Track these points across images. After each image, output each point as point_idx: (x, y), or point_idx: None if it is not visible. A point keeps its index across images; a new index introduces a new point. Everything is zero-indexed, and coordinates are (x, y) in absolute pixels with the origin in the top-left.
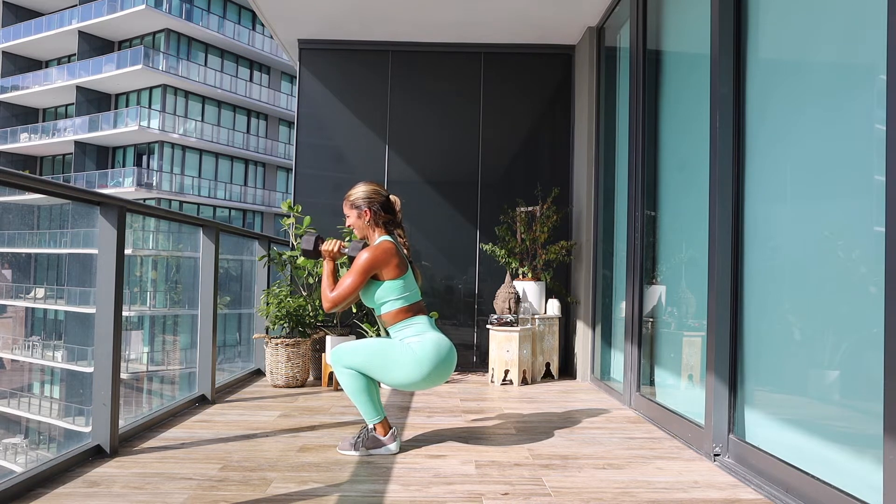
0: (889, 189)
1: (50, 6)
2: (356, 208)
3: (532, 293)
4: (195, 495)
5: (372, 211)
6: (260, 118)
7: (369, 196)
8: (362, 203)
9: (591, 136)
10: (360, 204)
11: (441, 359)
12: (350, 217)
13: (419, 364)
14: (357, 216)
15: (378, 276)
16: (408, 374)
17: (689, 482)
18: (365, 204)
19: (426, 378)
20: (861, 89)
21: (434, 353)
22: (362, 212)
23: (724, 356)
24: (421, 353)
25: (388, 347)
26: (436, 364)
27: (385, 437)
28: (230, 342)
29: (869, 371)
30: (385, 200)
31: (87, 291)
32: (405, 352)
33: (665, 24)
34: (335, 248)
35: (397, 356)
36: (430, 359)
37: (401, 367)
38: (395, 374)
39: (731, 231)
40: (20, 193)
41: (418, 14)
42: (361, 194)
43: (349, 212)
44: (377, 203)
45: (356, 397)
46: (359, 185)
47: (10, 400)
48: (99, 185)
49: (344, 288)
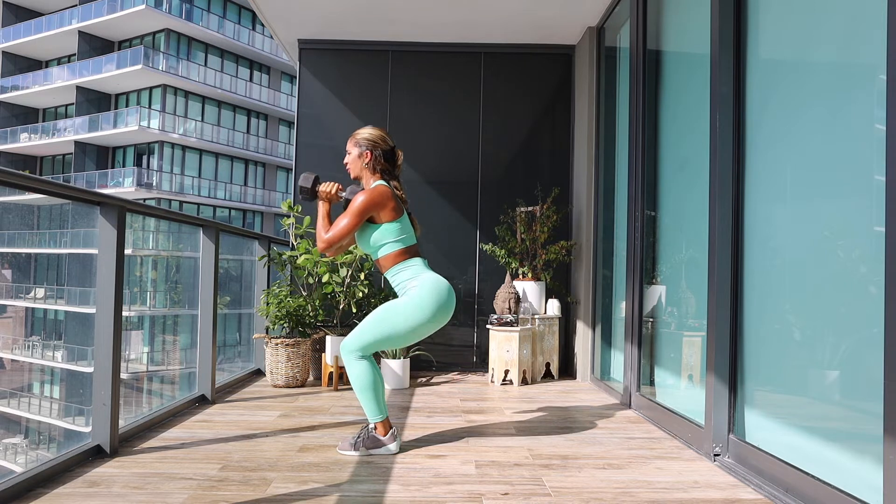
0: (889, 189)
1: (50, 6)
2: (358, 146)
3: (532, 293)
4: (195, 495)
5: (373, 155)
6: (260, 118)
7: (375, 140)
8: (365, 144)
9: (591, 136)
10: (363, 144)
11: (442, 296)
12: (350, 154)
13: (422, 308)
14: (357, 155)
15: (374, 218)
16: (415, 319)
17: (689, 482)
18: (368, 146)
19: (432, 319)
20: (861, 89)
21: (434, 292)
22: (363, 152)
23: (724, 356)
24: (420, 296)
25: (387, 308)
26: (437, 303)
27: (385, 437)
28: (230, 342)
29: (869, 371)
30: (389, 150)
31: (87, 291)
32: (406, 302)
33: (665, 24)
34: (333, 189)
35: (399, 309)
36: (432, 298)
37: (406, 317)
38: (403, 326)
39: (731, 231)
40: (20, 193)
41: (418, 14)
42: (367, 135)
43: (351, 149)
44: (380, 149)
45: (362, 393)
46: (368, 127)
47: (10, 400)
48: (99, 185)
49: (339, 228)
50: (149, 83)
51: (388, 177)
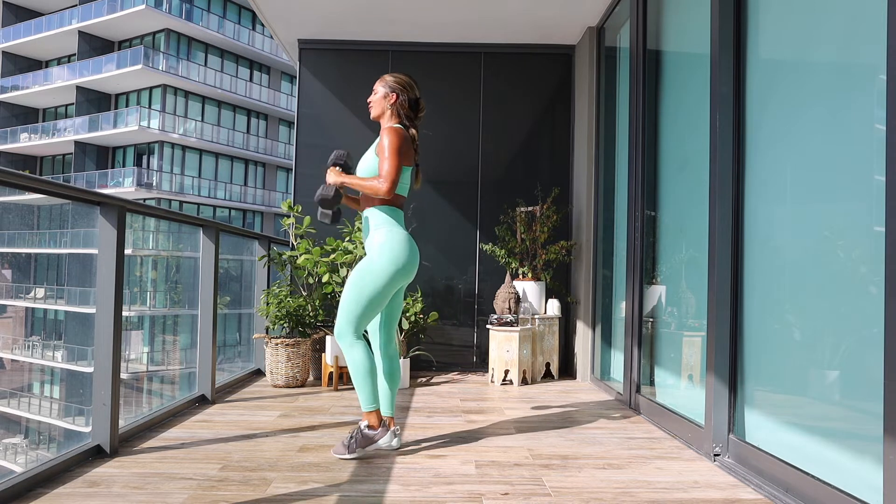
0: (889, 189)
1: (50, 6)
2: (386, 87)
3: (532, 293)
4: (195, 495)
5: (399, 98)
6: (260, 118)
7: (403, 84)
8: (396, 87)
9: (591, 136)
10: (392, 86)
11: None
12: (376, 94)
13: (387, 257)
14: (383, 95)
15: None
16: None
17: (689, 482)
18: (396, 88)
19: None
20: (861, 89)
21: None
22: (389, 93)
23: (724, 356)
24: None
25: (356, 273)
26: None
27: (377, 431)
28: (230, 342)
29: (869, 371)
30: (415, 99)
31: (87, 291)
32: (370, 259)
33: (665, 23)
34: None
35: (367, 267)
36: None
37: (377, 271)
38: (379, 281)
39: (731, 231)
40: (20, 193)
41: (418, 14)
42: (397, 79)
43: (378, 88)
44: (406, 95)
45: (358, 379)
46: (401, 75)
47: (10, 400)
48: (99, 185)
49: (388, 171)
50: (149, 83)
51: (408, 123)
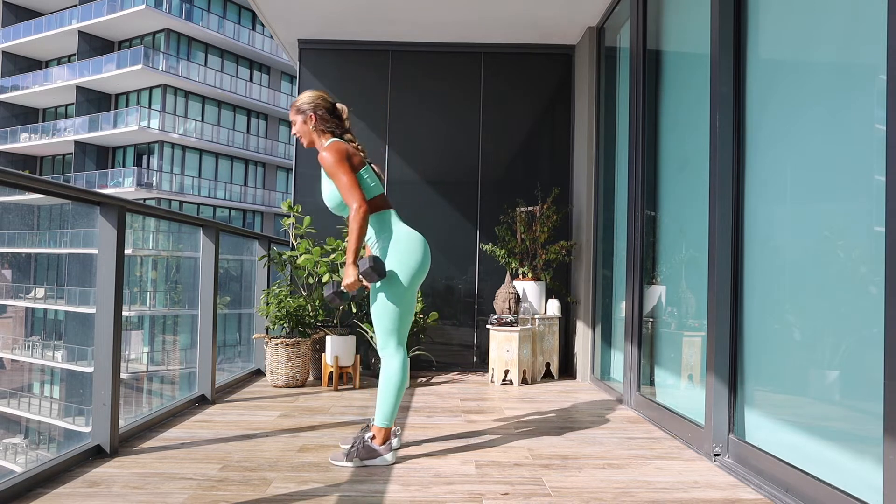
0: (889, 189)
1: (50, 6)
2: (301, 113)
3: (532, 293)
4: (195, 495)
5: (317, 115)
6: (260, 118)
7: (314, 101)
8: (307, 108)
9: (591, 136)
10: (305, 109)
11: (416, 244)
12: (296, 124)
13: (404, 263)
14: (303, 122)
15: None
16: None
17: (689, 482)
18: (310, 108)
19: (419, 267)
20: (861, 89)
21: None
22: (307, 116)
23: (724, 356)
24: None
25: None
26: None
27: (381, 447)
28: (230, 342)
29: (869, 371)
30: (331, 106)
31: (87, 291)
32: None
33: (665, 24)
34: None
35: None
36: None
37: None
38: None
39: (731, 231)
40: (20, 193)
41: (418, 14)
42: (307, 99)
43: (295, 118)
44: (322, 108)
45: (386, 391)
46: (305, 92)
47: (10, 400)
48: (99, 185)
49: (346, 187)
50: (149, 83)
51: (340, 132)
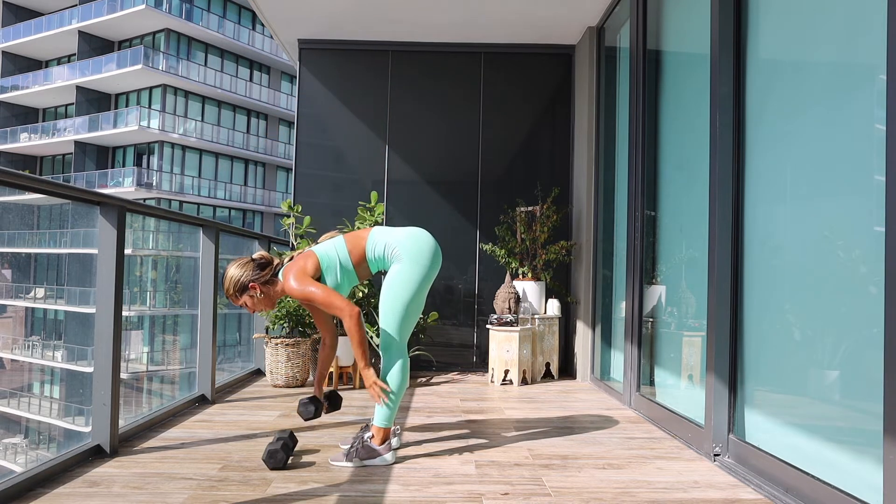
0: (889, 189)
1: (50, 6)
2: (243, 292)
3: (532, 293)
4: (195, 495)
5: (256, 284)
6: (260, 118)
7: (240, 276)
8: (244, 284)
9: (591, 136)
10: (243, 287)
11: (423, 241)
12: (247, 305)
13: (415, 262)
14: (250, 297)
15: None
16: (414, 275)
17: (689, 482)
18: (247, 282)
19: (430, 266)
20: (861, 89)
21: (414, 242)
22: (250, 290)
23: (724, 356)
24: (407, 250)
25: (388, 289)
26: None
27: (381, 447)
28: (230, 342)
29: (869, 371)
30: (255, 266)
31: (87, 291)
32: (398, 270)
33: (665, 24)
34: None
35: (397, 279)
36: (416, 248)
37: (406, 280)
38: (410, 289)
39: (731, 231)
40: (20, 193)
41: (418, 14)
42: (235, 278)
43: (244, 301)
44: (251, 274)
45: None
46: (226, 276)
47: (10, 400)
48: (99, 185)
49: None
50: (149, 83)
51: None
